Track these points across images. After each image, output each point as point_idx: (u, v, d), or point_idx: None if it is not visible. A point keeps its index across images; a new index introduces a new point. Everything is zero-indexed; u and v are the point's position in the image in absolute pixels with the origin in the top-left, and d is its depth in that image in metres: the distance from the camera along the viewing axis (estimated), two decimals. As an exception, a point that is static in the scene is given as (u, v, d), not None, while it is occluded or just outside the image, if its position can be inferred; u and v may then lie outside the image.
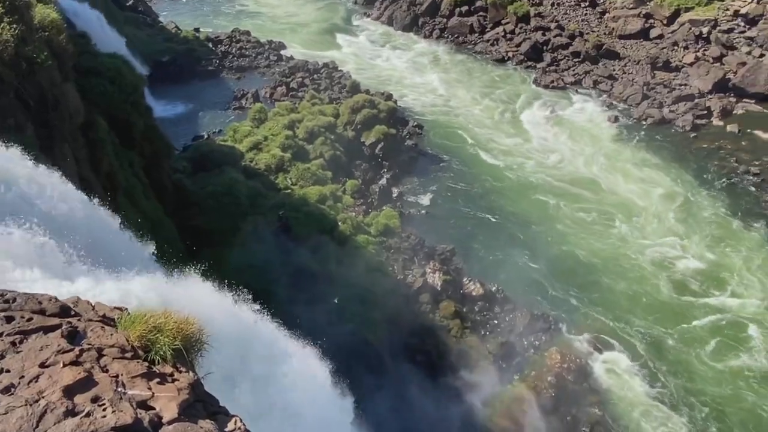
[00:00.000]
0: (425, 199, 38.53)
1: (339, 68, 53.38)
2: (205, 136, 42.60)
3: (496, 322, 29.07)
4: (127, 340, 6.07)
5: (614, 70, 53.16)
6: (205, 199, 31.14)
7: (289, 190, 34.05)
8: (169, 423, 5.19)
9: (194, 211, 30.41)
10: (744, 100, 47.71)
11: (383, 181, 38.18)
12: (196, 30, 58.94)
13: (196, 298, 7.89)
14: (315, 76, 51.74)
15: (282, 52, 57.46)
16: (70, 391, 5.38)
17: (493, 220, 36.48)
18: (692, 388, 26.24)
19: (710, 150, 42.57)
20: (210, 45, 57.09)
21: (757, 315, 29.74)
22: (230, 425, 5.52)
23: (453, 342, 27.35)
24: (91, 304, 6.81)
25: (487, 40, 59.68)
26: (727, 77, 49.10)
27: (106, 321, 6.49)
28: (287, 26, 65.32)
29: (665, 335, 28.69)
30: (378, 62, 57.23)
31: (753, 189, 38.58)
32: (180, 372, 5.78)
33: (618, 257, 33.42)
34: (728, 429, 24.57)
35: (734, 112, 46.60)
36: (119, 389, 5.46)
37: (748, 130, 44.27)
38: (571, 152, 42.86)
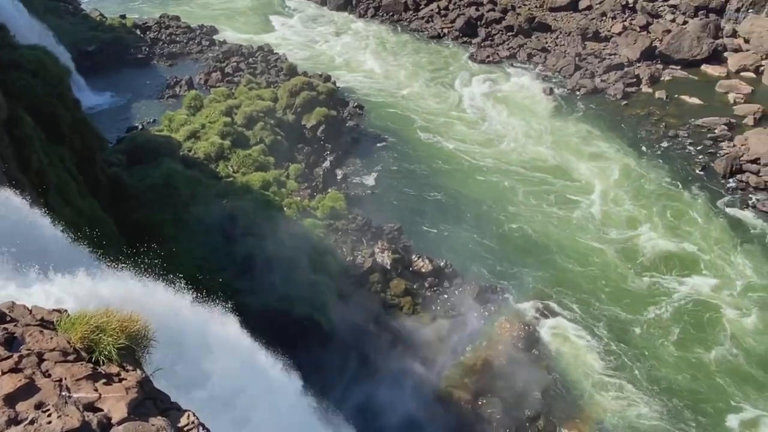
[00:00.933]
0: (370, 180, 38.55)
1: (274, 51, 52.42)
2: (140, 127, 41.24)
3: (446, 296, 29.56)
4: (69, 343, 5.87)
5: (547, 42, 54.17)
6: (143, 192, 30.22)
7: (231, 178, 33.42)
8: (119, 423, 5.07)
9: (133, 205, 29.47)
10: (670, 66, 49.54)
11: (327, 164, 37.96)
12: (122, 17, 56.61)
13: (136, 295, 7.69)
14: (250, 60, 50.67)
15: (214, 36, 55.91)
16: (11, 400, 5.18)
17: (438, 197, 36.88)
18: (635, 349, 27.44)
19: (641, 117, 44.11)
20: (138, 32, 54.96)
21: (698, 272, 31.25)
22: (183, 420, 5.44)
23: (405, 319, 27.66)
24: (27, 308, 6.54)
25: (422, 17, 59.68)
26: (653, 45, 50.82)
27: (45, 324, 6.25)
28: (218, 10, 63.51)
29: (610, 301, 29.82)
30: (314, 43, 56.47)
31: (682, 151, 40.28)
32: (127, 371, 5.65)
33: (563, 229, 34.39)
34: (669, 386, 25.85)
35: (662, 78, 48.36)
36: (64, 393, 5.29)
37: (675, 96, 46.07)
38: (510, 127, 43.58)
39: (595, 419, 24.52)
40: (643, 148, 40.70)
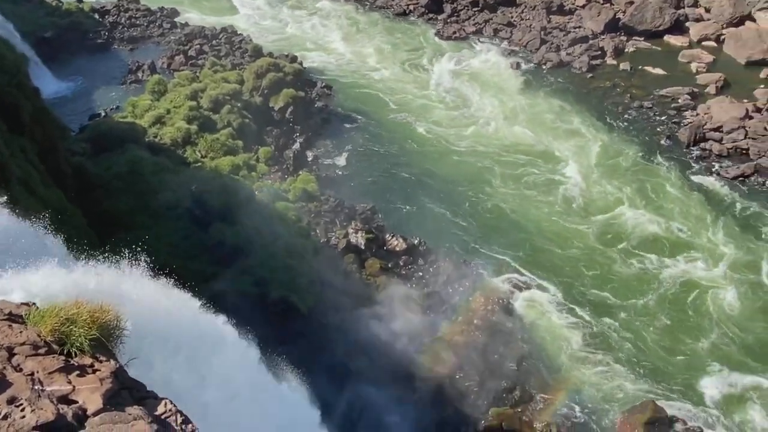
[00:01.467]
0: (341, 160, 38.39)
1: (238, 32, 51.47)
2: (103, 114, 40.28)
3: (420, 274, 29.79)
4: (39, 336, 5.79)
5: (512, 17, 54.18)
6: (110, 181, 29.65)
7: (199, 164, 32.96)
8: (95, 414, 5.03)
9: (100, 194, 28.91)
10: (634, 38, 50.03)
11: (297, 146, 37.64)
12: (79, 1, 54.90)
13: (109, 285, 7.59)
14: (214, 42, 49.68)
15: (176, 19, 54.61)
16: (-18, 397, 5.09)
17: (411, 176, 36.92)
18: (609, 319, 28.06)
19: (607, 89, 44.59)
20: (96, 16, 53.38)
21: (666, 239, 31.96)
22: (160, 408, 5.42)
23: (381, 298, 27.80)
24: (-6, 304, 6.40)
25: (388, -6, 59.03)
26: (617, 17, 51.21)
27: (14, 318, 6.14)
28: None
29: (583, 273, 30.37)
30: (279, 24, 55.59)
31: (647, 122, 40.91)
32: (100, 362, 5.59)
33: (533, 204, 34.78)
34: (644, 354, 26.52)
35: (626, 50, 48.84)
36: (36, 387, 5.22)
37: (639, 67, 46.62)
38: (479, 103, 43.65)
39: (571, 388, 25.09)
40: (609, 120, 41.21)
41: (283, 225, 29.58)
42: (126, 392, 5.44)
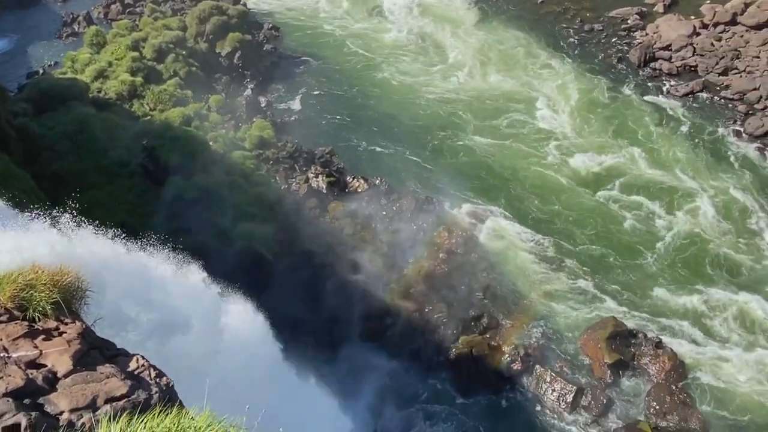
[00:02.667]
0: (296, 104, 37.68)
1: (176, -25, 48.99)
2: (41, 71, 38.37)
3: (384, 213, 29.90)
4: (-1, 304, 5.67)
5: (460, -56, 52.70)
6: (57, 142, 28.58)
7: (148, 117, 31.92)
8: (66, 376, 5.01)
9: (49, 156, 27.90)
10: (582, -40, 49.37)
11: (248, 92, 36.69)
12: (0, -49, 51.24)
13: (63, 247, 7.42)
14: (151, -13, 47.26)
15: (108, -36, 51.57)
16: (-54, 369, 5.01)
17: (367, 116, 36.52)
18: (570, 242, 28.85)
19: (558, 14, 44.32)
20: (21, -33, 50.03)
21: (620, 160, 32.64)
22: (132, 364, 5.43)
23: (347, 239, 27.96)
24: (-53, 275, 6.22)
25: (330, -74, 56.67)
26: (565, -61, 50.27)
27: (-30, 289, 5.98)
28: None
29: (542, 199, 30.94)
30: (218, -36, 52.96)
31: (599, 45, 41.03)
32: (66, 324, 5.53)
33: (491, 135, 34.90)
34: (605, 274, 27.48)
35: (575, -27, 48.26)
36: (2, 354, 5.16)
37: (589, -11, 46.31)
38: (434, 38, 42.94)
39: (536, 312, 26.00)
40: (561, 46, 41.17)
41: (242, 174, 29.14)
42: (96, 352, 5.43)
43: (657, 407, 22.52)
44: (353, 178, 31.11)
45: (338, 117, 36.46)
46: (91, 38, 37.45)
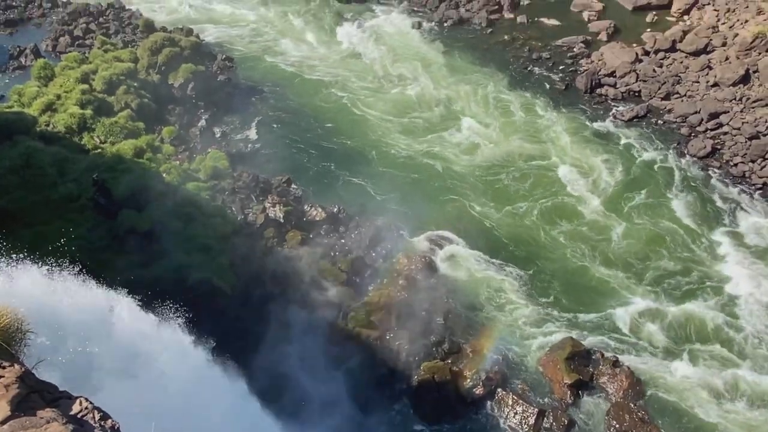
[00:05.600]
0: (251, 134, 37.48)
1: (126, 7, 48.66)
2: (-15, 106, 37.26)
3: (343, 241, 29.84)
4: (-68, 350, 5.40)
5: (410, -25, 53.91)
6: (2, 177, 27.71)
7: (99, 150, 31.27)
8: (3, 422, 4.78)
9: (-8, 192, 27.00)
10: (528, -10, 51.05)
11: (202, 123, 36.41)
12: (-58, -17, 50.02)
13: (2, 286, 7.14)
14: (101, 19, 46.80)
15: (56, -3, 50.88)
16: None
17: (324, 144, 36.60)
18: (525, 264, 29.29)
19: (506, 42, 45.55)
20: (-36, -1, 48.95)
21: (574, 188, 33.45)
22: (75, 407, 5.22)
23: (305, 269, 27.72)
24: None
25: (282, -41, 57.28)
26: (511, -29, 51.95)
27: None
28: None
29: (497, 223, 31.40)
30: (170, -4, 52.82)
31: (547, 72, 42.24)
32: (3, 368, 5.30)
33: (445, 161, 35.37)
34: (562, 292, 27.96)
35: (521, 3, 49.85)
36: (-65, 403, 4.89)
37: (535, 19, 47.85)
38: (386, 66, 43.53)
39: (496, 335, 26.17)
40: (511, 73, 42.24)
41: (197, 205, 28.72)
42: (36, 395, 5.20)
43: (617, 426, 22.82)
44: (311, 207, 31.01)
45: (295, 146, 36.42)
46: (39, 71, 36.64)
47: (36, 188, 27.60)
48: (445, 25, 47.96)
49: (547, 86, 41.00)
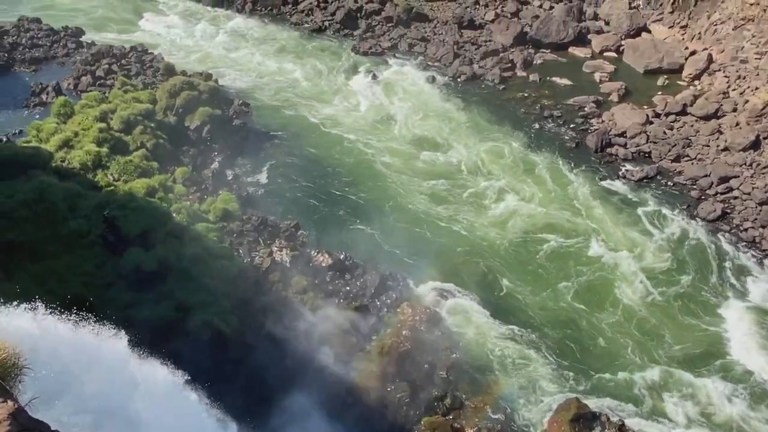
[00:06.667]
0: (262, 178, 37.86)
1: (149, 51, 50.03)
2: (4, 140, 37.98)
3: (348, 288, 29.69)
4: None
5: (426, 32, 55.45)
6: (15, 210, 27.92)
7: (112, 187, 31.59)
8: (-8, 461, 4.68)
9: (4, 224, 27.18)
10: (541, 50, 52.30)
11: (215, 165, 36.84)
12: (-27, 21, 51.77)
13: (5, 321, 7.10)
14: (123, 61, 48.05)
15: (82, 38, 52.42)
16: None
17: (334, 190, 36.87)
18: (532, 321, 28.97)
19: (519, 99, 46.31)
20: (-7, 37, 50.52)
21: (583, 242, 33.33)
22: (67, 448, 5.11)
23: (309, 315, 27.51)
24: None
25: (302, 11, 59.16)
26: (524, 31, 53.40)
27: None
28: (84, 9, 59.58)
29: (504, 277, 31.20)
30: (191, 41, 54.39)
31: (557, 130, 42.73)
32: (-3, 404, 5.21)
33: (454, 212, 35.48)
34: (568, 352, 27.51)
35: (534, 62, 50.95)
36: (-75, 437, 4.81)
37: (547, 78, 48.74)
38: (399, 116, 44.24)
39: (499, 392, 25.66)
40: (522, 130, 42.74)
41: (204, 247, 28.77)
42: (27, 434, 5.10)
43: (622, 493, 22.03)
44: (317, 252, 30.98)
45: (305, 191, 36.70)
46: (59, 108, 37.42)
47: (47, 223, 27.76)
48: (459, 80, 48.89)
49: (558, 143, 41.36)
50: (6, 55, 48.76)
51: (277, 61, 51.27)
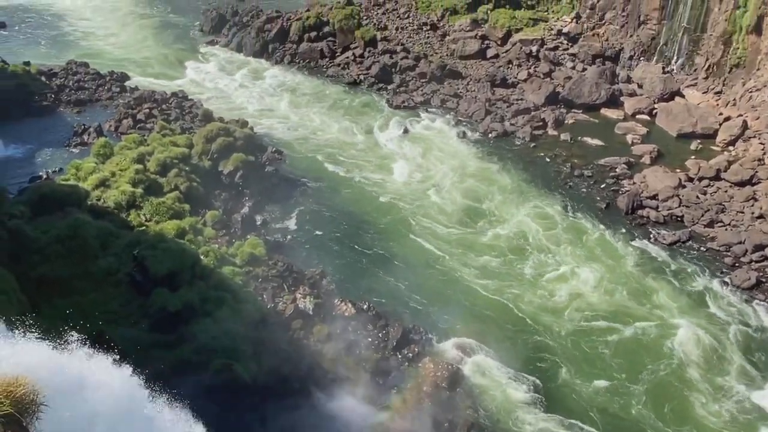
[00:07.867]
0: (290, 224, 38.21)
1: (189, 97, 51.73)
2: (44, 176, 39.22)
3: (370, 339, 29.33)
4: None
5: (458, 88, 56.33)
6: (48, 245, 28.56)
7: (143, 227, 32.19)
8: (1, 499, 4.62)
9: (37, 259, 27.77)
10: (573, 110, 52.57)
11: (245, 210, 37.36)
12: (26, 63, 54.33)
13: (26, 356, 7.14)
14: (163, 106, 49.71)
15: (126, 83, 54.62)
16: None
17: (360, 240, 36.93)
18: (558, 382, 28.10)
19: (549, 158, 46.32)
20: (43, 79, 52.89)
21: (610, 304, 32.58)
22: (76, 490, 5.03)
23: (329, 365, 27.17)
24: None
25: (338, 64, 60.84)
26: (557, 91, 53.87)
27: None
28: (129, 56, 62.24)
29: (530, 336, 30.51)
30: (230, 90, 56.17)
31: (588, 190, 42.46)
32: (12, 440, 5.19)
33: (481, 267, 35.12)
34: (595, 415, 26.53)
35: (565, 122, 51.17)
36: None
37: (579, 138, 48.79)
38: (428, 170, 44.60)
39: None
40: (552, 189, 42.56)
41: (229, 290, 28.89)
42: (39, 473, 5.04)
43: None
44: (341, 302, 30.82)
45: (332, 240, 36.84)
46: (99, 149, 38.71)
47: (78, 260, 28.28)
48: (490, 136, 49.25)
49: (588, 203, 41.01)
50: (53, 96, 50.91)
51: (313, 111, 52.48)
